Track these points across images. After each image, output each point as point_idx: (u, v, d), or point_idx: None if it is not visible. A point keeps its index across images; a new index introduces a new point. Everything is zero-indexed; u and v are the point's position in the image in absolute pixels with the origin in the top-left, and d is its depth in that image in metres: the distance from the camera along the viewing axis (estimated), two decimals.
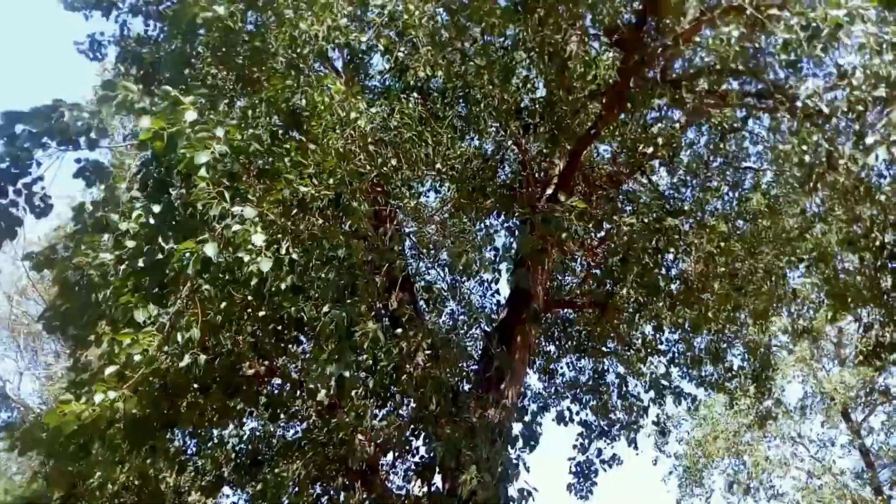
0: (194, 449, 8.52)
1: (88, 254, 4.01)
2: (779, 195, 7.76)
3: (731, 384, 9.38)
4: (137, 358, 3.54)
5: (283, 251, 4.39)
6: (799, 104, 6.12)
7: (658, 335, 8.77)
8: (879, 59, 4.15)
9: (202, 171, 3.53)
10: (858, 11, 4.16)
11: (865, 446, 20.24)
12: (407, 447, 7.90)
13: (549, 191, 8.01)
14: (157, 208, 3.66)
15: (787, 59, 5.52)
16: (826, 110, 4.88)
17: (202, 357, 3.85)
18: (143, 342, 3.59)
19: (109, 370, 3.58)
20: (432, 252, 8.77)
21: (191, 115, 3.73)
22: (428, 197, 8.94)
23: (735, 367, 9.21)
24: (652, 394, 8.78)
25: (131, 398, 3.58)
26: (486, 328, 8.66)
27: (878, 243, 6.76)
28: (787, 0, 6.04)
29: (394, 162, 6.52)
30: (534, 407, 9.74)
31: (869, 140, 5.53)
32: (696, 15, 7.27)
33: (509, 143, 7.98)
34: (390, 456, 8.26)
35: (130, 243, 3.68)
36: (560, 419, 8.91)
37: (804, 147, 6.40)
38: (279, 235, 4.47)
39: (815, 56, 4.85)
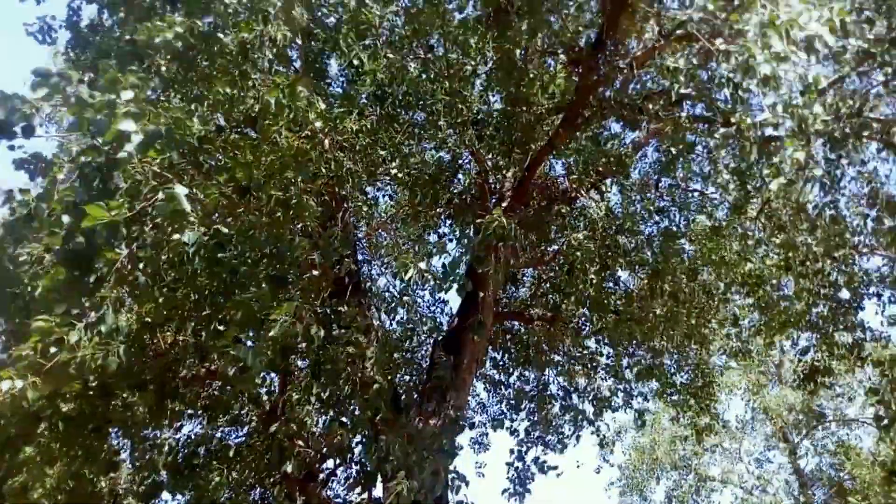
0: (129, 451, 8.25)
1: (10, 244, 3.85)
2: (722, 218, 8.00)
3: (674, 399, 9.57)
4: (53, 349, 3.39)
5: (221, 237, 4.28)
6: (747, 133, 6.33)
7: (600, 349, 8.90)
8: (801, 98, 4.34)
9: (130, 146, 3.42)
10: (788, 54, 4.33)
11: (801, 467, 20.90)
12: (349, 454, 7.81)
13: (504, 203, 8.08)
14: (79, 191, 3.53)
15: (731, 90, 5.70)
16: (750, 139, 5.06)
17: (121, 348, 3.70)
18: (59, 330, 3.44)
19: (21, 356, 3.41)
20: (384, 258, 8.74)
21: (127, 94, 3.63)
22: (381, 202, 8.91)
23: (677, 383, 9.39)
24: (592, 406, 8.91)
25: (36, 386, 3.40)
26: (434, 337, 8.66)
27: (814, 270, 7.03)
28: (737, 34, 6.27)
29: (349, 164, 6.48)
30: (480, 417, 9.77)
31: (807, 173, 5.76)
32: (653, 40, 7.47)
33: (465, 152, 8.04)
34: (331, 463, 8.15)
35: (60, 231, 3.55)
36: (497, 426, 8.98)
37: (748, 173, 6.63)
38: (219, 226, 4.37)
39: (751, 90, 5.04)
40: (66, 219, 3.77)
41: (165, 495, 8.34)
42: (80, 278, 3.58)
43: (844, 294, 7.25)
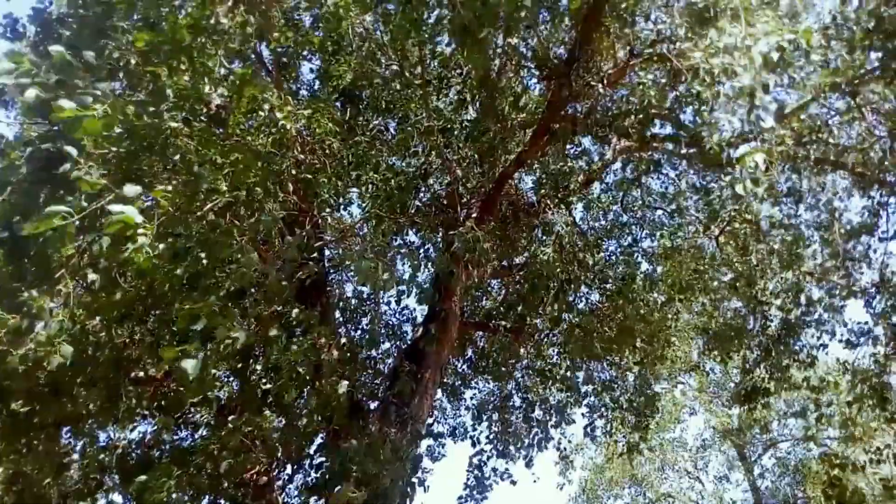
0: (80, 451, 8.00)
1: None
2: (682, 236, 8.12)
3: (607, 415, 9.53)
4: None
5: (175, 241, 4.19)
6: (717, 148, 6.45)
7: (560, 361, 8.91)
8: (767, 119, 4.46)
9: (81, 132, 3.32)
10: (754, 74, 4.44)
11: (756, 485, 21.21)
12: (306, 460, 7.68)
13: (473, 213, 8.09)
14: (25, 170, 3.41)
15: (698, 108, 5.83)
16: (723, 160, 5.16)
17: (66, 348, 3.57)
18: None
19: None
20: (349, 265, 8.67)
21: (82, 75, 3.54)
22: (349, 210, 8.86)
23: (620, 399, 9.36)
24: (550, 418, 8.91)
25: None
26: (398, 345, 8.60)
27: (762, 288, 7.19)
28: (707, 55, 6.40)
29: (317, 165, 6.41)
30: (440, 428, 9.72)
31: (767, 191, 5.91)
32: (624, 59, 7.59)
33: (436, 161, 8.05)
34: (288, 469, 8.00)
35: None
36: (456, 436, 8.94)
37: (711, 193, 6.75)
38: (178, 227, 4.28)
39: (717, 109, 5.15)
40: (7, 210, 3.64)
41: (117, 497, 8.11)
42: (25, 270, 3.46)
43: (792, 317, 7.39)
